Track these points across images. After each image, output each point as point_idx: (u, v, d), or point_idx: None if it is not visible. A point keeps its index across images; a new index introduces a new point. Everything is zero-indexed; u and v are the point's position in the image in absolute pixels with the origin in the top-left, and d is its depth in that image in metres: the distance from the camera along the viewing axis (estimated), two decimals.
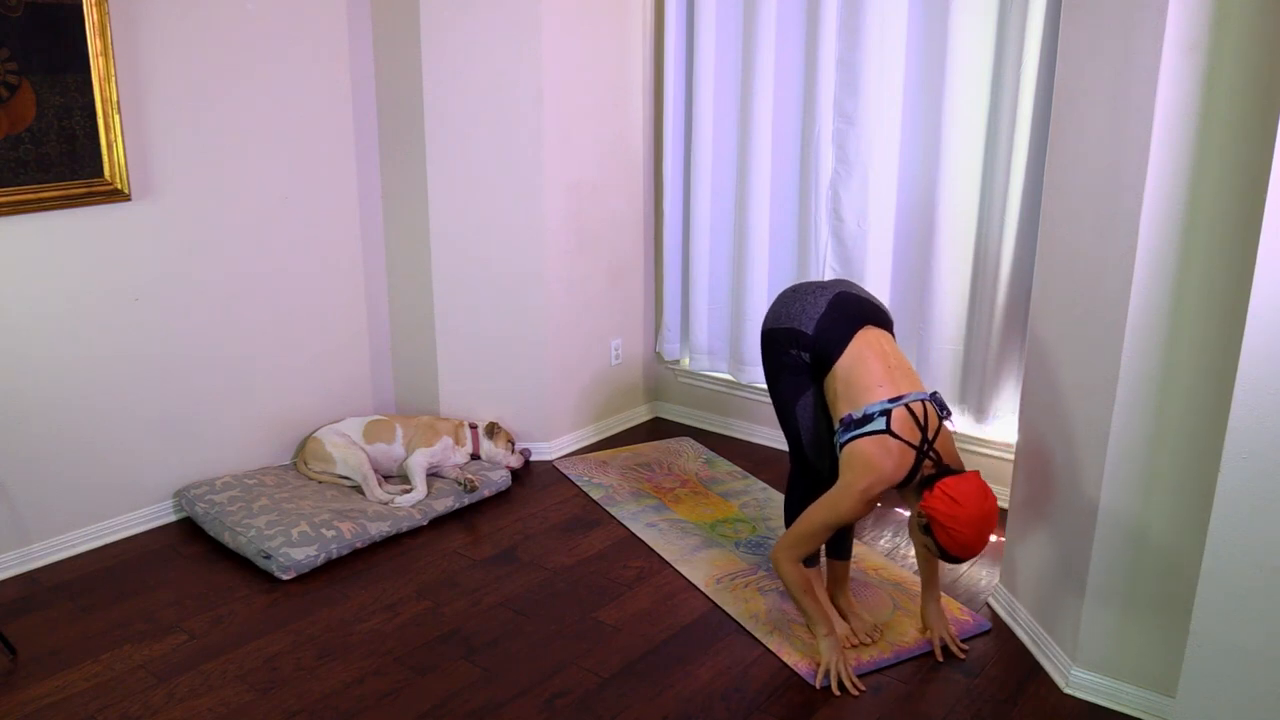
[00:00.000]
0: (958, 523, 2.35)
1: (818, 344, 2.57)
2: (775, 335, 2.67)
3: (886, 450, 2.45)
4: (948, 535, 2.36)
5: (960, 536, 2.35)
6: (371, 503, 3.46)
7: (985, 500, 2.38)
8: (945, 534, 2.37)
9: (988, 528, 2.39)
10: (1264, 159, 1.88)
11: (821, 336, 2.57)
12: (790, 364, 2.64)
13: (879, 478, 2.44)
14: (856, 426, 2.48)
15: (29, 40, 2.90)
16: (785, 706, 2.52)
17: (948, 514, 2.35)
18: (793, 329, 2.61)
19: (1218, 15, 2.06)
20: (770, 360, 2.71)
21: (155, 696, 2.55)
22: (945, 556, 2.43)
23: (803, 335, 2.59)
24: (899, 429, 2.46)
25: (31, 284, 3.05)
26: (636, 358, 4.45)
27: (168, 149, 3.28)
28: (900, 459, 2.45)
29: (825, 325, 2.57)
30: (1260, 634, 1.95)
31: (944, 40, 3.36)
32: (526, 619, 2.91)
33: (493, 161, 3.76)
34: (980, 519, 2.36)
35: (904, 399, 2.48)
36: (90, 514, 3.29)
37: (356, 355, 4.01)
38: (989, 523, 2.38)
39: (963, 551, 2.38)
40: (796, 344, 2.61)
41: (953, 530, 2.35)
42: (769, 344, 2.70)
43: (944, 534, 2.37)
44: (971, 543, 2.37)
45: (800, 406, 2.67)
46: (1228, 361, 2.01)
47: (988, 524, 2.38)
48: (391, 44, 3.74)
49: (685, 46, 4.05)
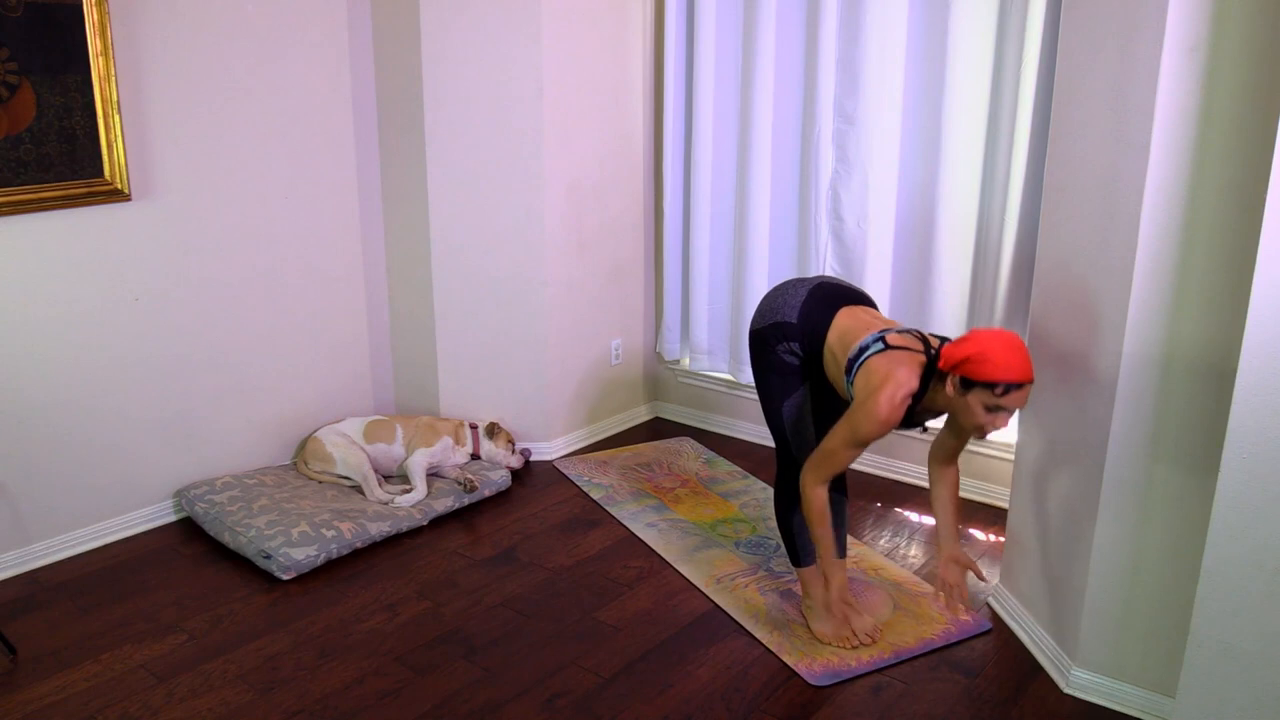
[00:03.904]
0: (992, 347, 2.20)
1: (804, 328, 2.58)
2: (762, 334, 2.68)
3: (894, 359, 2.38)
4: (991, 364, 2.18)
5: (1002, 357, 2.19)
6: (371, 503, 3.46)
7: (1002, 331, 2.29)
8: (988, 364, 2.19)
9: (1020, 344, 2.25)
10: (1264, 159, 1.88)
11: (806, 321, 2.59)
12: (778, 364, 2.65)
13: (895, 382, 2.34)
14: (858, 358, 2.45)
15: (29, 40, 2.90)
16: (785, 706, 2.52)
17: (977, 347, 2.21)
18: (777, 322, 2.63)
19: (1218, 16, 2.06)
20: (758, 361, 2.72)
21: (155, 696, 2.55)
22: (1005, 391, 2.19)
23: (788, 325, 2.60)
24: (898, 343, 2.42)
25: (32, 284, 3.05)
26: (636, 358, 4.45)
27: (168, 149, 3.28)
28: (910, 364, 2.37)
29: (808, 310, 2.60)
30: (1260, 634, 1.95)
31: (944, 40, 3.36)
32: (526, 619, 2.91)
33: (493, 161, 3.76)
34: (1008, 338, 2.23)
35: (896, 328, 2.49)
36: (90, 514, 3.29)
37: (356, 355, 4.01)
38: (1018, 340, 2.26)
39: (1013, 370, 2.19)
40: (784, 337, 2.61)
41: (991, 355, 2.19)
42: (757, 344, 2.71)
43: (987, 365, 2.19)
44: (1015, 358, 2.20)
45: (787, 406, 2.68)
46: (1228, 361, 2.01)
47: (1017, 341, 2.26)
48: (391, 44, 3.74)
49: (685, 46, 4.05)
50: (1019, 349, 2.24)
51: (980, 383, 2.23)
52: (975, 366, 2.22)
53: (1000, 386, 2.21)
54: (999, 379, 2.20)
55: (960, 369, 2.26)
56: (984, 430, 2.30)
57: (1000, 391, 2.21)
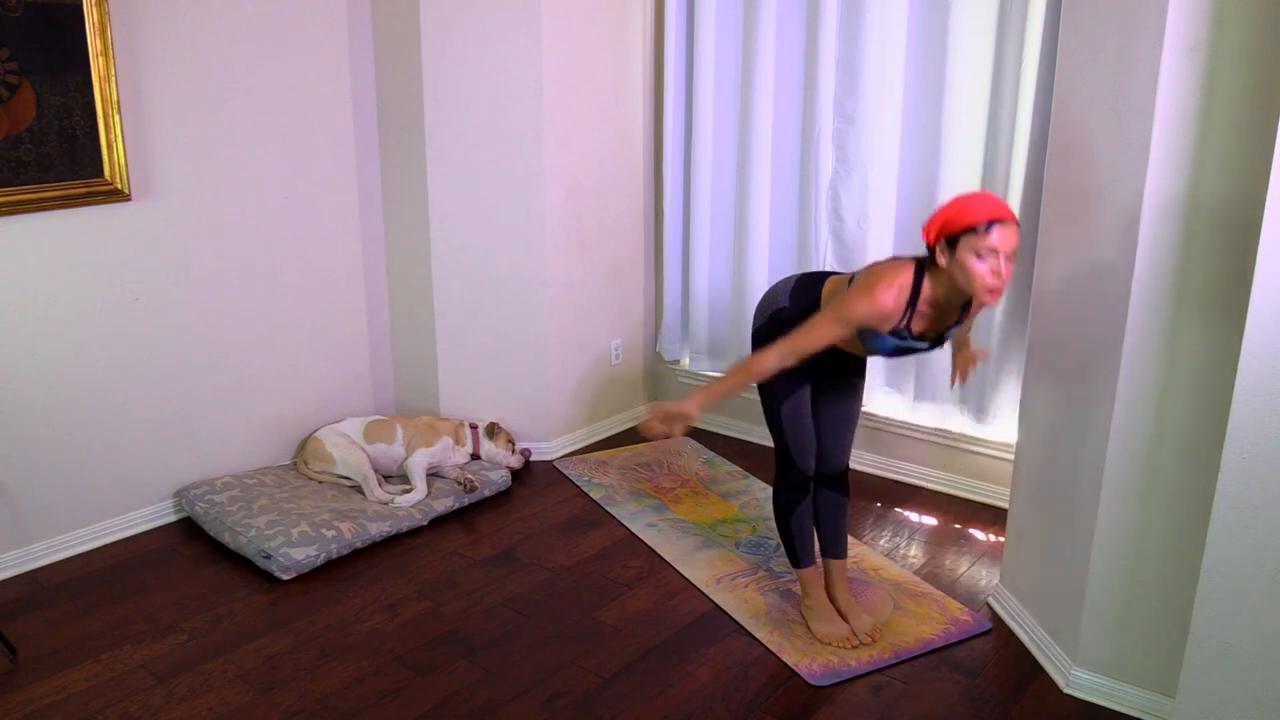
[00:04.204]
0: (962, 199, 2.26)
1: (798, 306, 2.58)
2: (760, 332, 2.68)
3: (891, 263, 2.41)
4: (965, 211, 2.22)
5: (975, 202, 2.24)
6: (371, 503, 3.46)
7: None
8: (963, 213, 2.22)
9: (990, 194, 2.32)
10: (1264, 159, 1.88)
11: (798, 299, 2.59)
12: None
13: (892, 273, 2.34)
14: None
15: (29, 40, 2.90)
16: (785, 706, 2.52)
17: (949, 207, 2.26)
18: (774, 313, 2.63)
19: (1218, 16, 2.06)
20: (761, 338, 2.68)
21: (155, 696, 2.54)
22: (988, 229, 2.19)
23: (783, 310, 2.60)
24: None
25: (31, 284, 3.05)
26: (636, 358, 4.45)
27: (168, 149, 3.28)
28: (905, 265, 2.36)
29: (798, 291, 2.62)
30: (1260, 634, 1.95)
31: (944, 40, 3.36)
32: (526, 619, 2.91)
33: (493, 161, 3.76)
34: (977, 192, 2.35)
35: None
36: (90, 514, 3.29)
37: (356, 355, 4.01)
38: (988, 193, 2.34)
39: (988, 208, 2.21)
40: (781, 325, 2.58)
41: (963, 204, 2.24)
42: (759, 343, 2.68)
43: (963, 214, 2.22)
44: (987, 201, 2.25)
45: (786, 408, 2.68)
46: (1228, 361, 2.01)
47: (987, 193, 2.34)
48: (391, 44, 3.74)
49: (685, 46, 4.05)
50: (990, 195, 2.30)
51: (963, 234, 2.22)
52: (953, 220, 2.24)
53: (982, 226, 2.20)
54: (978, 219, 2.20)
55: (942, 233, 2.26)
56: (988, 284, 2.22)
57: (984, 230, 2.19)
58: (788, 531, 2.81)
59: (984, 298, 2.25)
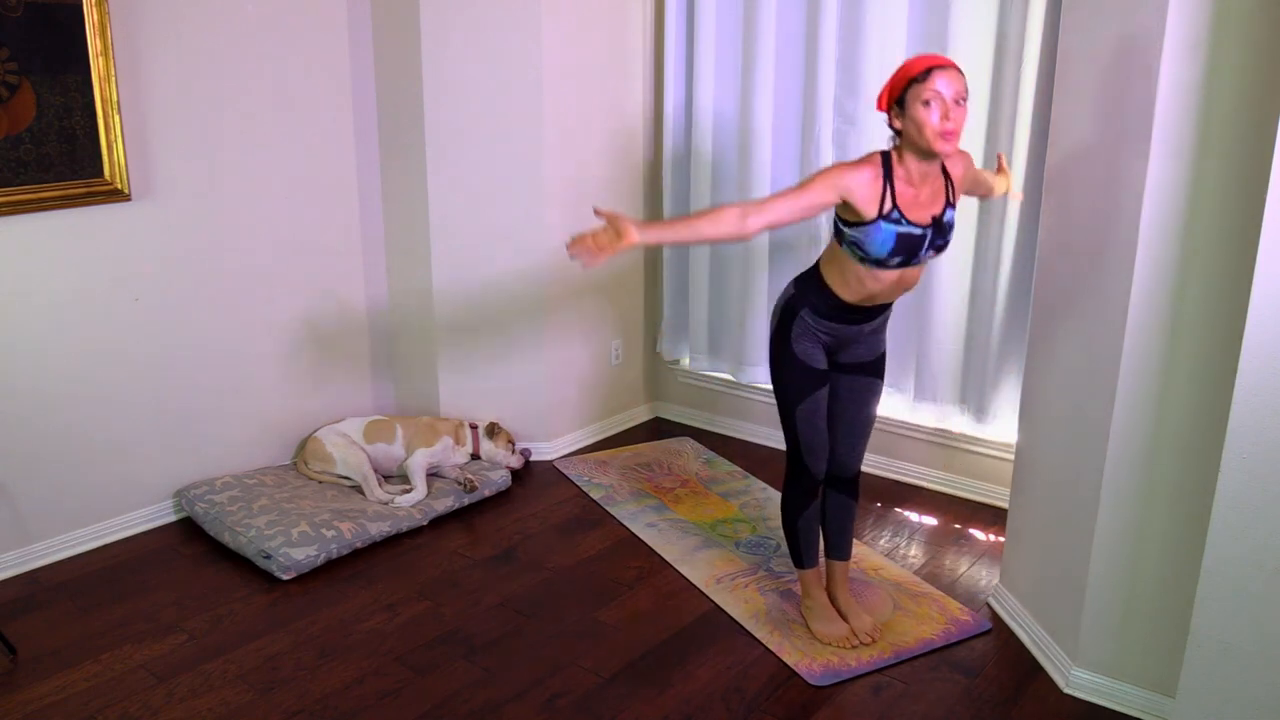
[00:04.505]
0: (902, 63, 2.35)
1: (803, 287, 2.57)
2: (778, 333, 2.61)
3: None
4: (905, 67, 2.32)
5: (913, 59, 2.33)
6: (371, 503, 3.46)
7: None
8: (903, 69, 2.32)
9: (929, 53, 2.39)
10: (1264, 159, 1.88)
11: (802, 284, 2.59)
12: (797, 364, 2.59)
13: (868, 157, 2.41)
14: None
15: (29, 40, 2.90)
16: (785, 706, 2.52)
17: (893, 73, 2.35)
18: (785, 307, 2.60)
19: (1218, 16, 2.06)
20: (777, 361, 2.64)
21: (155, 696, 2.55)
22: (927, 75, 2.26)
23: (793, 299, 2.58)
24: None
25: (32, 284, 3.05)
26: (636, 358, 4.45)
27: (168, 149, 3.28)
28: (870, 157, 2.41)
29: (800, 279, 2.63)
30: (1260, 634, 1.95)
31: (944, 40, 3.36)
32: (526, 619, 2.91)
33: (493, 160, 3.76)
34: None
35: None
36: (90, 514, 3.29)
37: (356, 355, 4.01)
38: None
39: (924, 59, 2.30)
40: (794, 315, 2.56)
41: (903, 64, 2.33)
42: (776, 343, 2.63)
43: (903, 70, 2.31)
44: (922, 56, 2.34)
45: (802, 410, 2.63)
46: (1228, 361, 2.01)
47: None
48: (391, 44, 3.74)
49: (685, 45, 4.05)
50: (930, 54, 2.37)
51: (908, 88, 2.28)
52: (897, 80, 2.32)
53: (921, 74, 2.26)
54: (917, 69, 2.28)
55: (891, 95, 2.33)
56: (938, 129, 2.26)
57: (924, 77, 2.25)
58: (794, 534, 2.79)
59: (937, 144, 2.28)
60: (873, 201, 2.34)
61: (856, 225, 2.38)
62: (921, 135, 2.28)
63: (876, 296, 2.52)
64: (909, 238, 2.37)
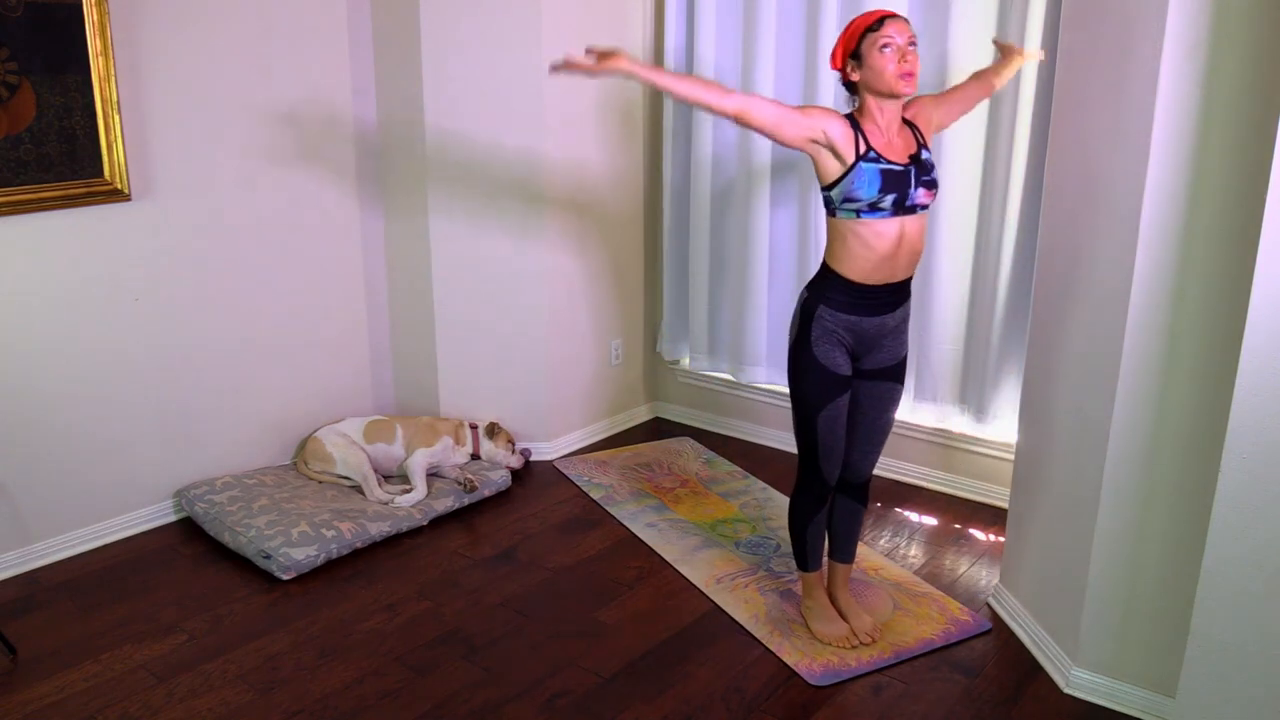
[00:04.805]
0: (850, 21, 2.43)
1: (815, 290, 2.55)
2: (798, 339, 2.56)
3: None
4: (854, 23, 2.40)
5: (860, 15, 2.41)
6: (371, 503, 3.46)
7: None
8: (852, 24, 2.40)
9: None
10: (1264, 159, 1.88)
11: (814, 286, 2.58)
12: (820, 365, 2.53)
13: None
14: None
15: (29, 40, 2.90)
16: (785, 706, 2.52)
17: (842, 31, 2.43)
18: (802, 309, 2.56)
19: (1218, 16, 2.06)
20: (796, 365, 2.58)
21: (155, 696, 2.55)
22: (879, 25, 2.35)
23: (808, 301, 2.55)
24: None
25: (32, 284, 3.05)
26: (636, 358, 4.45)
27: (168, 149, 3.28)
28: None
29: (811, 283, 2.62)
30: (1260, 634, 1.95)
31: (944, 40, 3.36)
32: (526, 619, 2.91)
33: (493, 160, 3.76)
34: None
35: None
36: (90, 514, 3.29)
37: (356, 355, 4.01)
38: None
39: (873, 11, 2.40)
40: (811, 314, 2.52)
41: (851, 21, 2.41)
42: (796, 348, 2.57)
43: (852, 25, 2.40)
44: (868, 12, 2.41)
45: (824, 417, 2.57)
46: (1228, 361, 2.01)
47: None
48: (392, 44, 3.74)
49: (685, 45, 4.05)
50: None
51: (861, 39, 2.37)
52: (850, 33, 2.41)
53: (875, 23, 2.36)
54: (870, 19, 2.38)
55: (846, 50, 2.41)
56: (897, 71, 2.35)
57: (877, 26, 2.36)
58: (801, 538, 2.77)
59: (898, 85, 2.36)
60: (849, 143, 2.40)
61: (840, 181, 2.42)
62: (882, 79, 2.37)
63: (885, 266, 2.47)
64: (893, 174, 2.41)
